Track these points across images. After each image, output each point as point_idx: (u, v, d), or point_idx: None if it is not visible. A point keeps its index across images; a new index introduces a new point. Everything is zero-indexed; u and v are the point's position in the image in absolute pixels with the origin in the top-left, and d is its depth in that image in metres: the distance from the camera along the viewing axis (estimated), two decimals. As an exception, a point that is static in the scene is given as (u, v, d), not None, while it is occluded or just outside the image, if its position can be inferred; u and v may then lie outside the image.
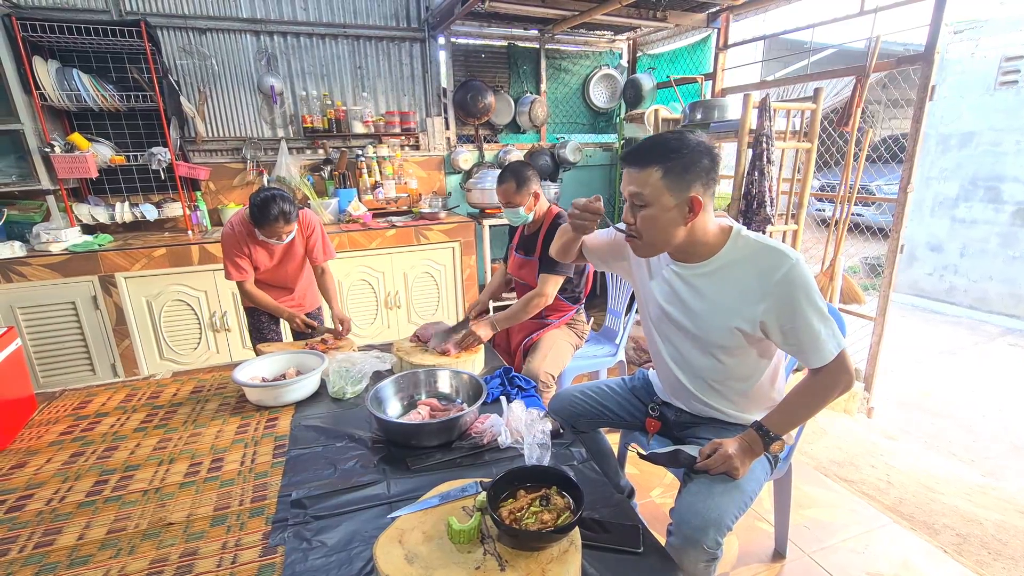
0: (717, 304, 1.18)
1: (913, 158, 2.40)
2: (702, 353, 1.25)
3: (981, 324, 4.43)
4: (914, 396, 3.10)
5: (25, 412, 1.54)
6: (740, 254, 1.17)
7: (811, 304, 1.10)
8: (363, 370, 1.62)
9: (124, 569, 0.95)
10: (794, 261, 1.11)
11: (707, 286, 1.20)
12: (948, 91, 4.87)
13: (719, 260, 1.18)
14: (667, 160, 1.10)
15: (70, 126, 2.96)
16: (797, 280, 1.10)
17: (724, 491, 1.14)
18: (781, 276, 1.10)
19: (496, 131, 4.11)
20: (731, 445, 1.16)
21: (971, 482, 2.17)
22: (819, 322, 1.10)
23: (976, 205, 4.81)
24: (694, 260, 1.21)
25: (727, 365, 1.24)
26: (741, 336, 1.18)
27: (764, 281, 1.12)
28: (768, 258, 1.13)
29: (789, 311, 1.11)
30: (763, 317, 1.13)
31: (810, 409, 1.18)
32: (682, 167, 1.10)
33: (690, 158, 1.10)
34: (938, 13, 2.28)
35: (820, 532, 1.83)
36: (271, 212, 1.92)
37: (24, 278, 2.57)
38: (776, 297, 1.11)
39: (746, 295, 1.15)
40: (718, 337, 1.20)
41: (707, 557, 1.10)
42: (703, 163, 1.11)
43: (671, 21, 3.39)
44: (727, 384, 1.28)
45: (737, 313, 1.16)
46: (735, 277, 1.16)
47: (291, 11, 3.30)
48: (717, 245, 1.18)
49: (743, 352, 1.22)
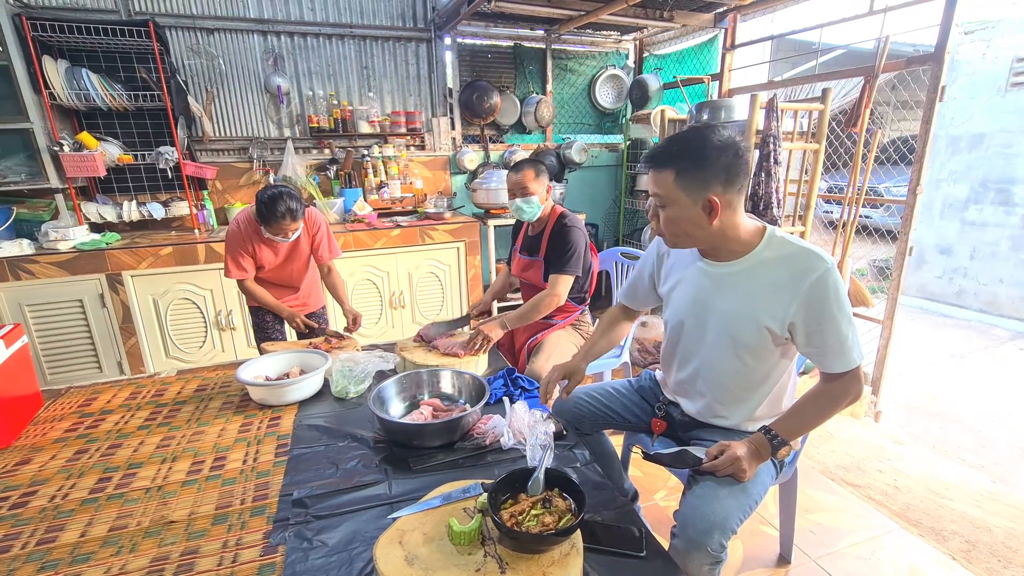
0: (748, 302, 1.18)
1: (922, 159, 2.38)
2: (726, 351, 1.24)
3: (991, 328, 4.37)
4: (922, 400, 3.06)
5: (31, 409, 1.55)
6: (774, 254, 1.16)
7: (840, 309, 1.11)
8: (366, 370, 1.62)
9: (126, 567, 0.95)
10: (829, 265, 1.11)
11: (739, 284, 1.19)
12: (958, 92, 4.81)
13: (752, 259, 1.18)
14: (680, 161, 1.10)
15: (79, 125, 2.99)
16: (831, 284, 1.10)
17: (729, 494, 1.13)
18: (816, 278, 1.10)
19: (502, 131, 4.10)
20: (739, 447, 1.15)
21: (980, 488, 2.14)
22: (847, 327, 1.11)
23: (987, 207, 4.75)
24: (726, 258, 1.20)
25: (749, 366, 1.23)
26: (769, 336, 1.18)
27: (798, 282, 1.12)
28: (804, 260, 1.13)
29: (819, 314, 1.11)
30: (793, 318, 1.13)
31: (819, 417, 1.18)
32: (696, 168, 1.09)
33: (705, 157, 1.09)
34: (948, 13, 2.25)
35: (826, 537, 1.81)
36: (278, 209, 1.92)
37: (32, 276, 2.59)
38: (808, 299, 1.11)
39: (779, 295, 1.14)
40: (747, 336, 1.19)
41: (711, 560, 1.09)
42: (721, 161, 1.09)
43: (678, 21, 3.37)
44: (743, 386, 1.27)
45: (768, 312, 1.16)
46: (769, 276, 1.16)
47: (298, 11, 3.31)
48: (751, 244, 1.18)
49: (767, 354, 1.22)
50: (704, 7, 3.32)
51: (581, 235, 2.00)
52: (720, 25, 3.44)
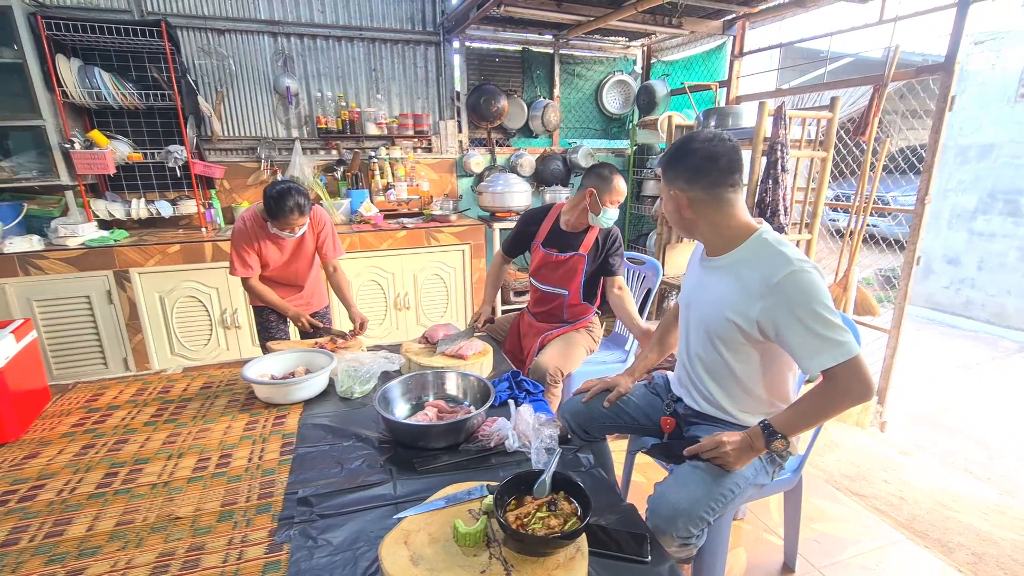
0: (721, 295, 1.25)
1: (931, 169, 2.37)
2: (705, 341, 1.32)
3: (999, 339, 4.34)
4: (928, 411, 3.04)
5: (39, 403, 1.55)
6: (751, 254, 1.22)
7: (809, 311, 1.09)
8: (371, 370, 1.62)
9: (132, 561, 0.96)
10: (795, 268, 1.12)
11: (719, 278, 1.27)
12: (968, 102, 4.80)
13: (734, 256, 1.24)
14: (665, 161, 1.27)
15: (90, 123, 3.02)
16: (796, 285, 1.11)
17: (699, 482, 1.17)
18: (778, 280, 1.13)
19: (508, 135, 4.12)
20: (730, 435, 1.19)
21: (988, 501, 2.12)
22: (822, 326, 1.09)
23: (995, 218, 4.73)
24: (716, 253, 1.28)
25: (726, 359, 1.29)
26: (736, 330, 1.22)
27: (763, 283, 1.16)
28: (772, 262, 1.17)
29: (784, 314, 1.13)
30: (759, 317, 1.17)
31: (818, 414, 1.17)
32: (669, 166, 1.25)
33: (678, 159, 1.23)
34: (960, 23, 2.25)
35: (831, 547, 1.80)
36: (287, 204, 1.94)
37: (41, 271, 2.61)
38: (773, 300, 1.14)
39: (745, 293, 1.20)
40: (717, 326, 1.26)
41: (679, 542, 1.14)
42: (688, 162, 1.21)
43: (687, 28, 3.38)
44: (728, 379, 1.31)
45: (732, 308, 1.22)
46: (742, 274, 1.22)
47: (308, 13, 3.33)
48: (736, 241, 1.24)
49: (743, 349, 1.26)
50: (713, 14, 3.32)
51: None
52: (728, 32, 3.44)
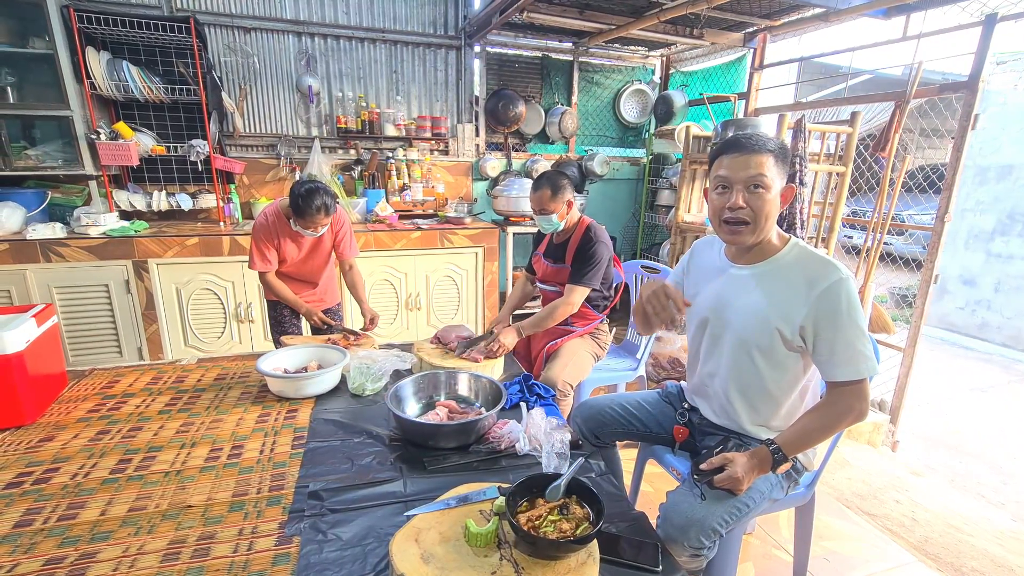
0: (763, 303, 1.22)
1: (952, 187, 2.34)
2: (740, 351, 1.27)
3: (1014, 363, 4.26)
4: (941, 432, 2.99)
5: (56, 387, 1.58)
6: (794, 259, 1.22)
7: (852, 320, 1.12)
8: (384, 368, 1.63)
9: (143, 547, 0.96)
10: (844, 276, 1.14)
11: (759, 286, 1.24)
12: (988, 122, 4.75)
13: (775, 263, 1.23)
14: (775, 148, 1.18)
15: (116, 115, 3.07)
16: (843, 293, 1.13)
17: (714, 493, 1.16)
18: (828, 286, 1.14)
19: (525, 140, 4.13)
20: (740, 463, 1.16)
21: (1001, 526, 2.08)
22: (857, 338, 1.12)
23: (1013, 240, 4.66)
24: (754, 260, 1.26)
25: (760, 368, 1.25)
26: (779, 338, 1.20)
27: (812, 287, 1.15)
28: (821, 267, 1.17)
29: (829, 320, 1.13)
30: (804, 322, 1.16)
31: (822, 432, 1.18)
32: (783, 157, 1.19)
33: (784, 151, 1.20)
34: (984, 42, 2.23)
35: (840, 566, 1.77)
36: (314, 203, 1.96)
37: (63, 259, 2.65)
38: (819, 305, 1.14)
39: (792, 297, 1.18)
40: (758, 336, 1.22)
41: (690, 552, 1.13)
42: (788, 158, 1.22)
43: (707, 39, 3.38)
44: (758, 393, 1.28)
45: (779, 313, 1.19)
46: (786, 280, 1.20)
47: (333, 14, 3.38)
48: (775, 248, 1.25)
49: (780, 358, 1.23)
50: (735, 27, 3.32)
51: (606, 249, 2.03)
52: (749, 45, 3.44)
